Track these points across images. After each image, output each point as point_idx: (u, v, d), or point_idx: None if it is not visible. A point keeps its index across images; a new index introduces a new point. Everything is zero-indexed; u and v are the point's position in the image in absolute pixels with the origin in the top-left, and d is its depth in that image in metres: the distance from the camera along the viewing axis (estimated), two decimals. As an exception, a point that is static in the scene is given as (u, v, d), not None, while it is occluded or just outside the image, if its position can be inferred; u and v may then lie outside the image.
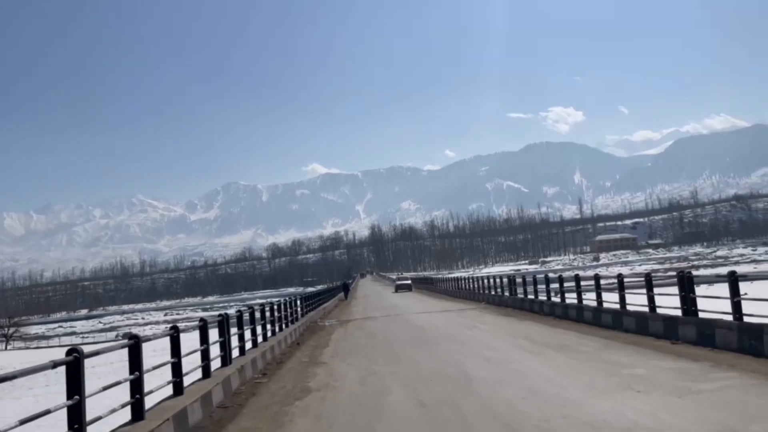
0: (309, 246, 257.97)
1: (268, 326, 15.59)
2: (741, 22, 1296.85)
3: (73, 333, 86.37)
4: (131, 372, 6.69)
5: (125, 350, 6.84)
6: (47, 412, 4.94)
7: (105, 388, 5.95)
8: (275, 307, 17.02)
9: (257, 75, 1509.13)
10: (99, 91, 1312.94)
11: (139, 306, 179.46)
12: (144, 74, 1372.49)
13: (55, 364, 5.09)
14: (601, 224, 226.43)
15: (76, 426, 5.30)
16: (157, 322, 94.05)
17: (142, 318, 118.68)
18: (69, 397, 5.30)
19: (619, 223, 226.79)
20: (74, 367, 5.36)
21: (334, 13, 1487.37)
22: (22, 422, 4.62)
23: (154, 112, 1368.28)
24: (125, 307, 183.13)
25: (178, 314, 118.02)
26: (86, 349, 5.67)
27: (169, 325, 9.01)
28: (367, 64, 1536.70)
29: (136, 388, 6.69)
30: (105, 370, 20.30)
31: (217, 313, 20.21)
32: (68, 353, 5.36)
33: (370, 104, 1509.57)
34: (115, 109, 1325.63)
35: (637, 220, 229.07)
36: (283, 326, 18.09)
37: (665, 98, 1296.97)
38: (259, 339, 14.24)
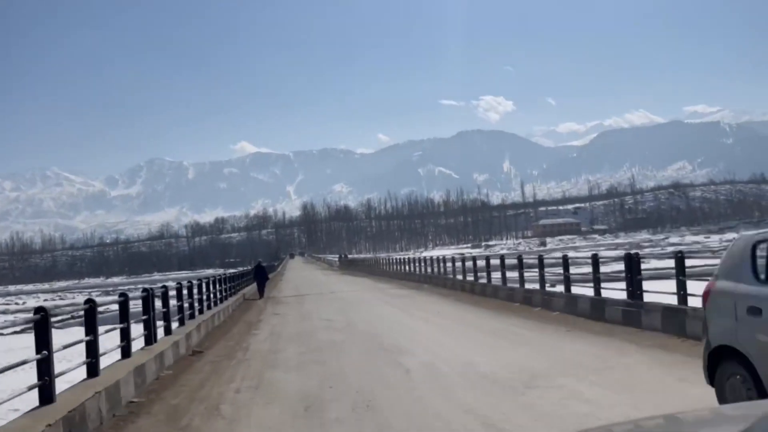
0: (234, 225, 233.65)
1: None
2: (659, 22, 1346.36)
3: None
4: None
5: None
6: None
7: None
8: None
9: (185, 47, 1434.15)
10: (9, 53, 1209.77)
11: (29, 287, 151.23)
12: (62, 36, 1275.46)
13: None
14: (542, 209, 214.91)
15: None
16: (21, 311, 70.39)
17: (15, 303, 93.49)
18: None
19: (561, 207, 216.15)
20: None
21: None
22: None
23: (73, 79, 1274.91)
24: (11, 288, 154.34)
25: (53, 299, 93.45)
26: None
27: None
28: (300, 41, 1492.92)
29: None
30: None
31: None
32: None
33: (302, 83, 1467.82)
34: (28, 74, 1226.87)
35: (578, 205, 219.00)
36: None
37: (590, 92, 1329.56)
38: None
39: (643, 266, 12.03)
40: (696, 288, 7.82)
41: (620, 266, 12.68)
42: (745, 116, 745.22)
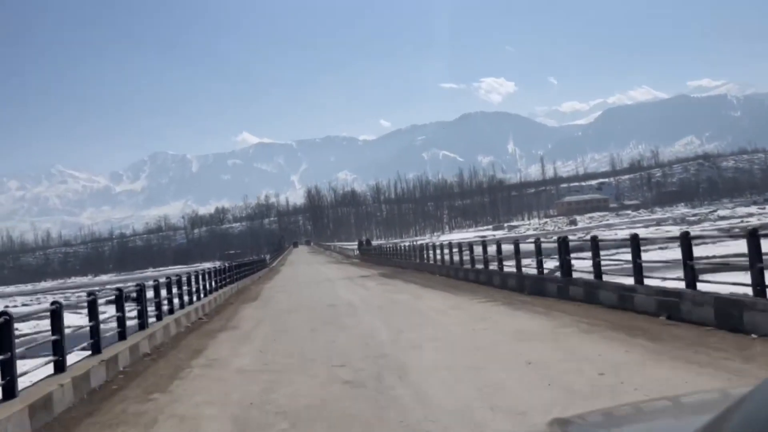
0: (235, 214, 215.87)
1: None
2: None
3: None
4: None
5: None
6: None
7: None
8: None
9: (184, 40, 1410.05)
10: (10, 51, 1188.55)
11: (10, 289, 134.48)
12: (62, 33, 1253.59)
13: None
14: (563, 185, 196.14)
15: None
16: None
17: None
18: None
19: (584, 183, 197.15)
20: None
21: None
22: None
23: (73, 76, 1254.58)
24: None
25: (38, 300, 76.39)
26: None
27: None
28: (297, 31, 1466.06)
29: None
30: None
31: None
32: None
33: (302, 73, 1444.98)
34: (29, 72, 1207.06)
35: (602, 180, 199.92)
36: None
37: (591, 70, 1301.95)
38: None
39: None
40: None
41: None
42: (750, 89, 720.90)
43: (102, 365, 8.39)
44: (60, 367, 7.52)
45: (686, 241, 9.13)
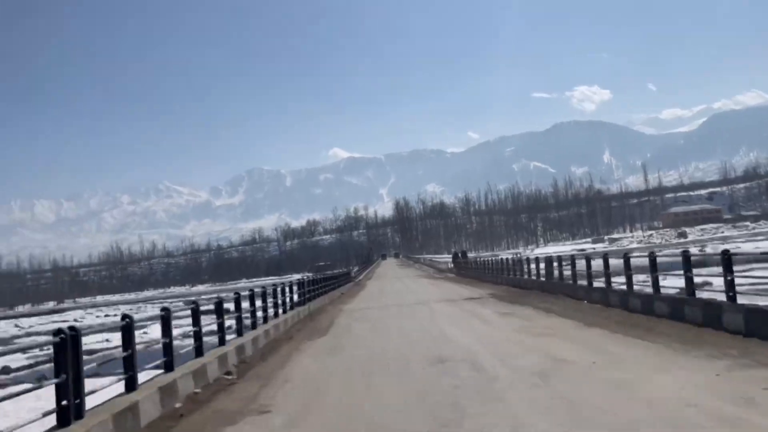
0: (325, 227, 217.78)
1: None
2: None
3: None
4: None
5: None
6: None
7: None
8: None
9: (278, 60, 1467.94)
10: (122, 81, 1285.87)
11: (116, 297, 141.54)
12: (168, 64, 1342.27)
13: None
14: (669, 195, 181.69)
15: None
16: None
17: (97, 316, 79.83)
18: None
19: (691, 193, 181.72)
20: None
21: None
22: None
23: (178, 99, 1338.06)
24: (99, 298, 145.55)
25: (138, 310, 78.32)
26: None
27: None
28: (385, 45, 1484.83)
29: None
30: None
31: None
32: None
33: (389, 87, 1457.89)
34: (140, 98, 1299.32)
35: (713, 189, 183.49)
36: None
37: (694, 75, 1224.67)
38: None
39: None
40: None
41: None
42: None
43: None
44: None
45: None
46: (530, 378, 7.61)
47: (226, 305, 11.39)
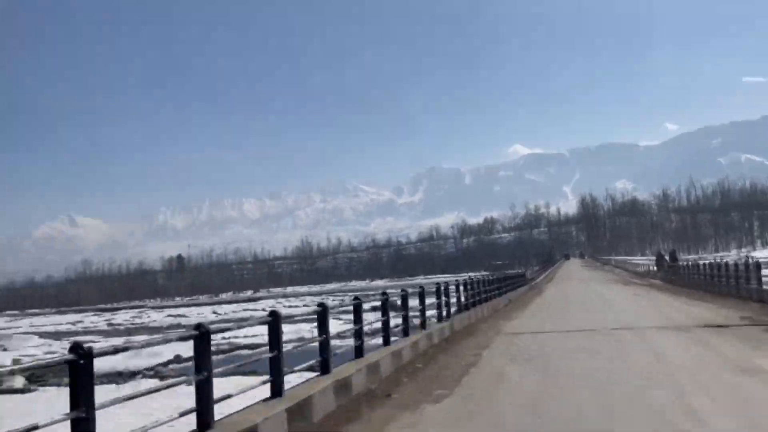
0: (503, 225, 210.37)
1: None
2: None
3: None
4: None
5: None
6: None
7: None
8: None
9: (459, 58, 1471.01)
10: (311, 90, 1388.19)
11: (303, 289, 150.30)
12: (356, 71, 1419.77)
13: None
14: None
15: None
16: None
17: (285, 305, 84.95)
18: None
19: None
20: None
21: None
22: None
23: (363, 104, 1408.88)
24: (289, 289, 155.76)
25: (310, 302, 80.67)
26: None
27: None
28: (572, 32, 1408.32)
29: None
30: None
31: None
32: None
33: (576, 77, 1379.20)
34: (330, 104, 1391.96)
35: None
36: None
37: None
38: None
39: None
40: None
41: None
42: None
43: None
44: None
45: None
46: None
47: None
